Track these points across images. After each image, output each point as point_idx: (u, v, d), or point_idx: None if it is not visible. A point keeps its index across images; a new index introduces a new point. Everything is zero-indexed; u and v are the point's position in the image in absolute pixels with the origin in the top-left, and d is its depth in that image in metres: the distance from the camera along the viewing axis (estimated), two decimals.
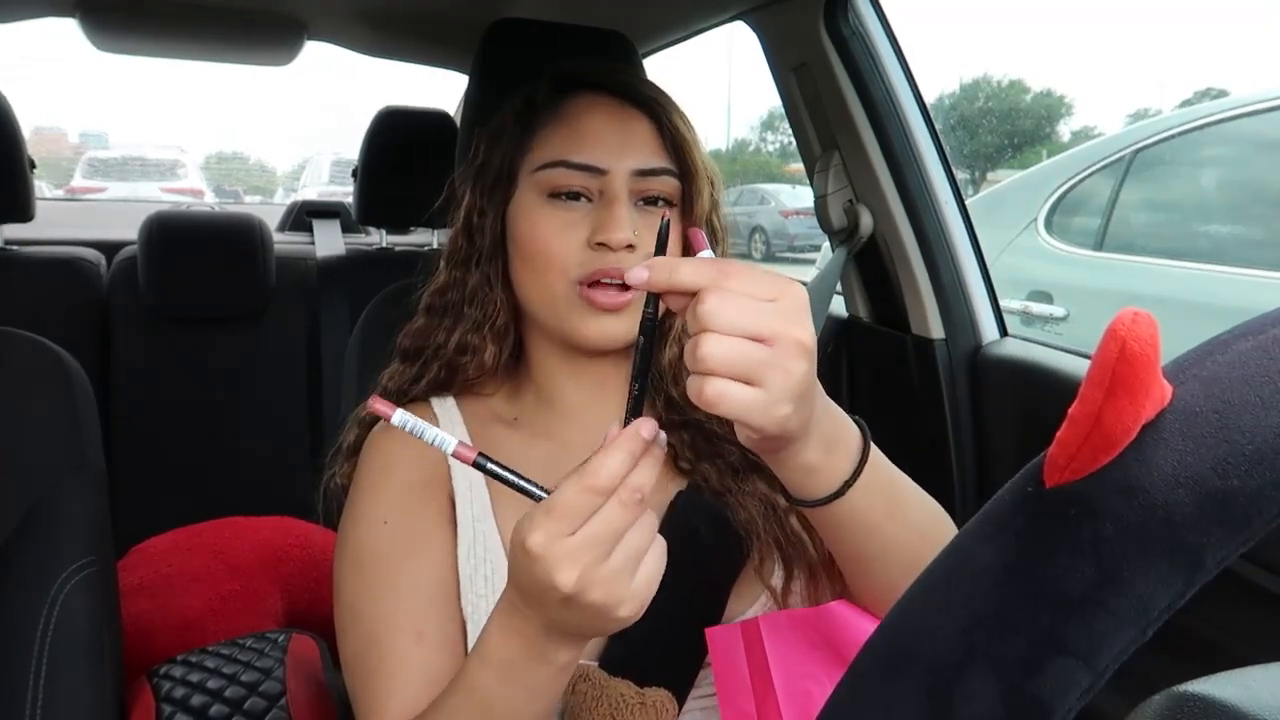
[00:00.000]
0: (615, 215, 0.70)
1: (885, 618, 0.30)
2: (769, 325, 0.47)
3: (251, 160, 49.16)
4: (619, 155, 0.72)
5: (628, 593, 0.48)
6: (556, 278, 0.71)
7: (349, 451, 0.79)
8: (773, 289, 0.48)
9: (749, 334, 0.47)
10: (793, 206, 12.23)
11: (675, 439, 0.76)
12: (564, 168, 0.72)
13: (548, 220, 0.72)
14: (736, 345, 0.46)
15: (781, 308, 0.48)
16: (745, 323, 0.47)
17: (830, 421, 0.55)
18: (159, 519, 1.30)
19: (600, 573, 0.48)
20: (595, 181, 0.72)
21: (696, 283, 0.47)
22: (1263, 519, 0.25)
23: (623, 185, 0.72)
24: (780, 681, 0.62)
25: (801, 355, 0.48)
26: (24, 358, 0.84)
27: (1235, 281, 2.20)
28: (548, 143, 0.74)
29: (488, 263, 0.77)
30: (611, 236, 0.69)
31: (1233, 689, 0.27)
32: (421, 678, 0.65)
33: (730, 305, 0.46)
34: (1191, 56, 59.44)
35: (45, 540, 0.78)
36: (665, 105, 0.75)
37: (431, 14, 1.72)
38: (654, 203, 0.74)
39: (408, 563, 0.69)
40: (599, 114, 0.74)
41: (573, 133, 0.73)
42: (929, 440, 1.33)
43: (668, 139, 0.74)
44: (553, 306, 0.72)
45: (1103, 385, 0.26)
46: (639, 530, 0.48)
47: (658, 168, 0.73)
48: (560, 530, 0.48)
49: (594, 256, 0.70)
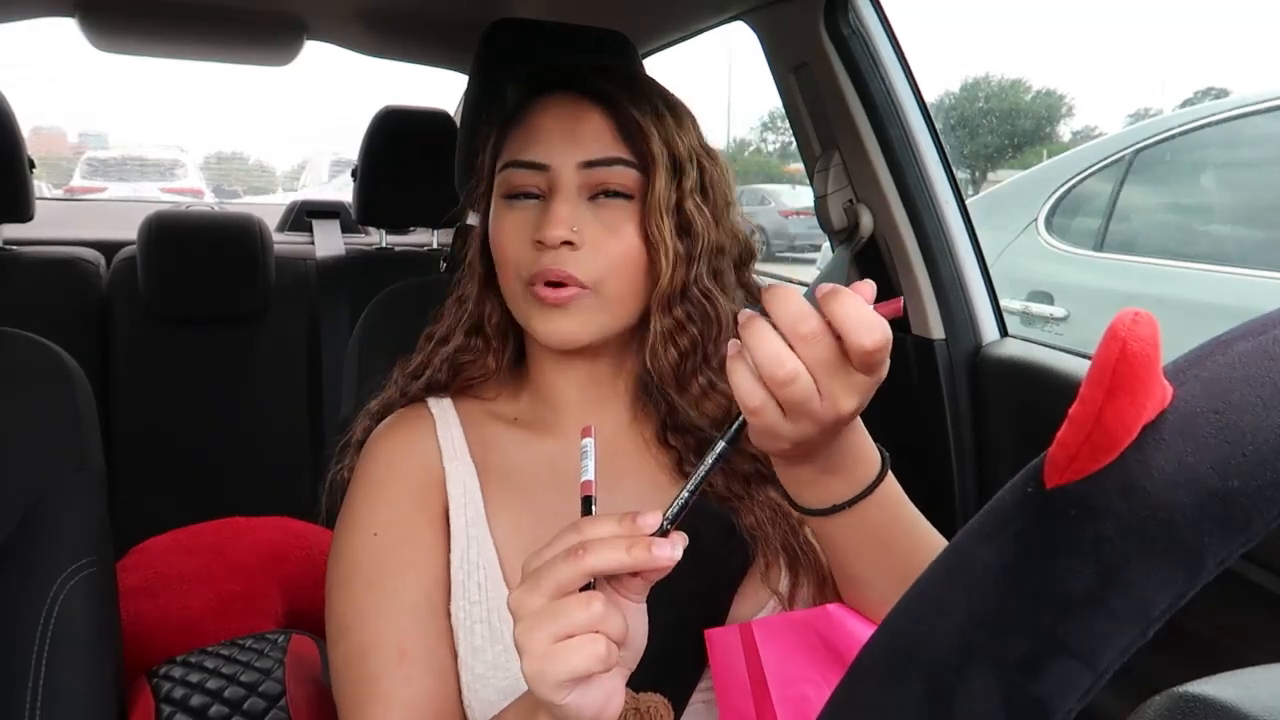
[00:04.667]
0: (550, 212, 0.69)
1: (885, 619, 0.30)
2: (835, 386, 0.49)
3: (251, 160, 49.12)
4: (564, 150, 0.71)
5: (540, 647, 0.47)
6: (512, 278, 0.72)
7: (358, 446, 0.79)
8: (875, 363, 0.48)
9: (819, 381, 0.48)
10: (793, 206, 12.22)
11: (681, 444, 0.76)
12: (514, 167, 0.72)
13: (504, 222, 0.73)
14: (808, 388, 0.48)
15: (858, 383, 0.49)
16: (820, 370, 0.48)
17: (843, 454, 0.55)
18: (159, 519, 1.30)
19: (528, 605, 0.48)
20: (542, 178, 0.71)
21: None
22: (1263, 519, 0.25)
23: (568, 180, 0.70)
24: (775, 687, 0.62)
25: (834, 421, 0.50)
26: (24, 358, 0.84)
27: (1236, 282, 2.20)
28: (508, 146, 0.74)
29: (480, 267, 0.78)
30: (545, 234, 0.68)
31: (1233, 689, 0.27)
32: (404, 700, 0.65)
33: (820, 350, 0.48)
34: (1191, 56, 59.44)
35: (45, 540, 0.78)
36: (623, 95, 0.73)
37: (431, 14, 1.72)
38: (614, 196, 0.71)
39: (395, 578, 0.69)
40: (551, 111, 0.73)
41: (525, 132, 0.73)
42: (929, 440, 1.33)
43: (623, 129, 0.72)
44: (516, 307, 0.73)
45: (1103, 386, 0.26)
46: (578, 604, 0.47)
47: (608, 158, 0.71)
48: (534, 555, 0.50)
49: (535, 255, 0.70)
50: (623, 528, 0.48)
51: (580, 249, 0.69)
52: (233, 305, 1.90)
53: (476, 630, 0.69)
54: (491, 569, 0.71)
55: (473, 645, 0.68)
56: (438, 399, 0.79)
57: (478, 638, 0.69)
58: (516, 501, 0.74)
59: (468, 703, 0.68)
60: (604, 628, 0.47)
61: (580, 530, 0.49)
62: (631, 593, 0.50)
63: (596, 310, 0.71)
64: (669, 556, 0.47)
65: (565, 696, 0.47)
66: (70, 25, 1.64)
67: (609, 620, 0.47)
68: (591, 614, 0.47)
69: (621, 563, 0.47)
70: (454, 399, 0.79)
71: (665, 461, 0.76)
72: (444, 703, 0.67)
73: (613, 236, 0.70)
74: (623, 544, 0.47)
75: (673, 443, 0.76)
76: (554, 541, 0.50)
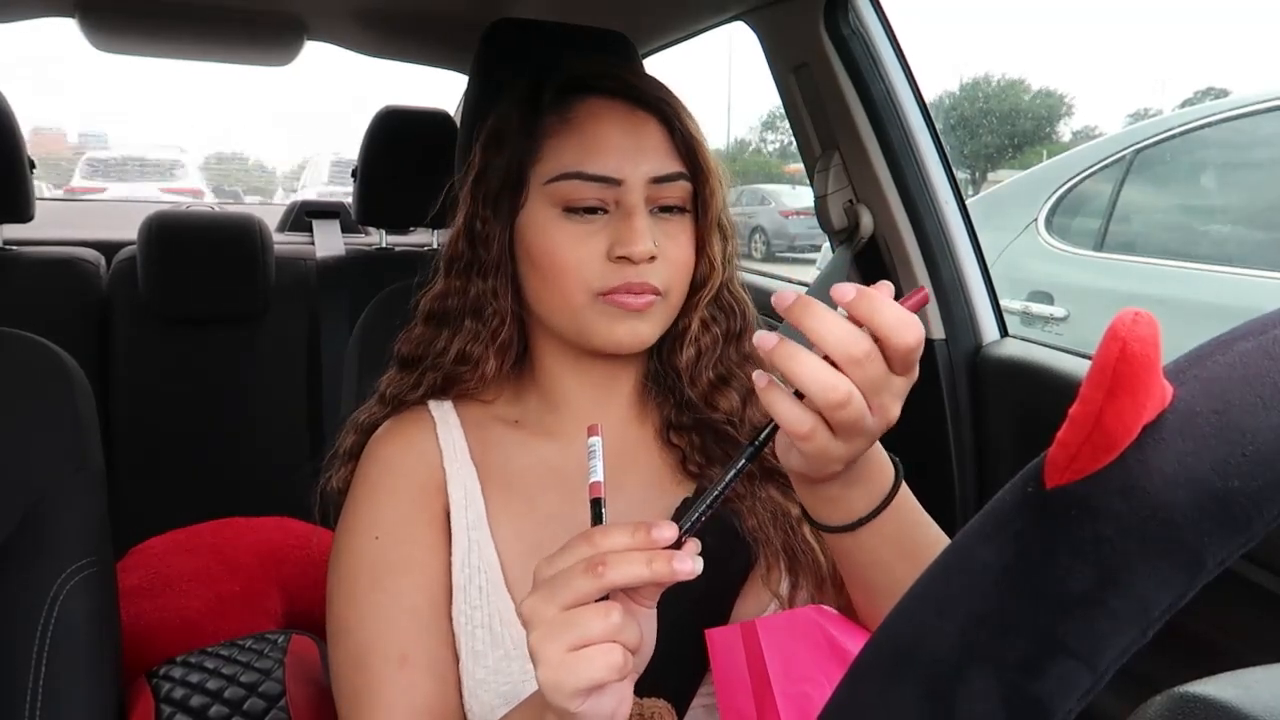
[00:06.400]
0: (635, 228, 0.69)
1: (885, 619, 0.30)
2: (886, 398, 0.49)
3: (251, 160, 49.15)
4: (634, 163, 0.70)
5: (556, 657, 0.47)
6: (576, 291, 0.70)
7: (346, 456, 0.78)
8: (913, 363, 0.49)
9: (869, 398, 0.48)
10: (793, 206, 12.23)
11: (685, 442, 0.76)
12: (578, 179, 0.70)
13: (565, 234, 0.70)
14: (863, 407, 0.47)
15: (902, 388, 0.49)
16: (873, 387, 0.48)
17: (866, 464, 0.55)
18: (159, 519, 1.30)
19: (543, 614, 0.48)
20: (611, 192, 0.70)
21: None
22: (1263, 519, 0.25)
23: (639, 194, 0.70)
24: (778, 685, 0.61)
25: (882, 431, 0.51)
26: (24, 358, 0.84)
27: (1236, 282, 2.20)
28: (559, 153, 0.71)
29: (494, 273, 0.75)
30: (633, 250, 0.68)
31: (1233, 690, 0.27)
32: (404, 704, 0.65)
33: (876, 368, 0.47)
34: (1192, 56, 59.43)
35: (45, 540, 0.78)
36: (675, 106, 0.74)
37: (431, 14, 1.72)
38: (669, 210, 0.72)
39: (396, 581, 0.69)
40: (610, 120, 0.72)
41: (584, 141, 0.71)
42: (929, 440, 1.33)
43: (679, 142, 0.73)
44: (572, 317, 0.71)
45: (1103, 386, 0.26)
46: (597, 614, 0.47)
47: (673, 173, 0.72)
48: (545, 564, 0.50)
49: (614, 269, 0.69)
50: (637, 540, 0.48)
51: (656, 263, 0.70)
52: (233, 305, 1.90)
53: (478, 635, 0.69)
54: (493, 573, 0.70)
55: (474, 650, 0.68)
56: (438, 402, 0.78)
57: (479, 642, 0.68)
58: (518, 505, 0.74)
59: (468, 707, 0.68)
60: (621, 638, 0.47)
61: (594, 542, 0.48)
62: (644, 599, 0.51)
63: (665, 314, 0.73)
64: (690, 570, 0.47)
65: (580, 705, 0.47)
66: (70, 25, 1.64)
67: (626, 630, 0.47)
68: (610, 624, 0.47)
69: (642, 578, 0.47)
70: (454, 402, 0.79)
71: (668, 460, 0.76)
72: (445, 707, 0.66)
73: (675, 246, 0.72)
74: (642, 558, 0.47)
75: (675, 441, 0.76)
76: (566, 550, 0.49)
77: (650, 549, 0.48)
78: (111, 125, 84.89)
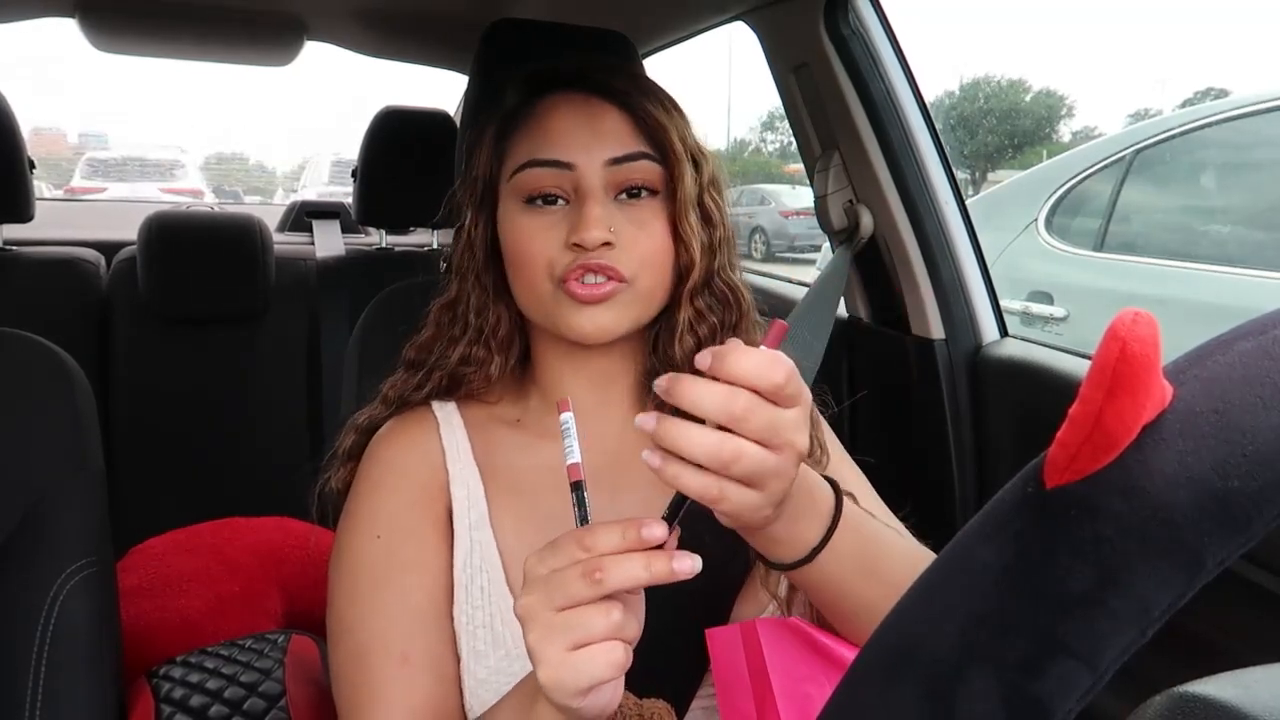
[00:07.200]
0: (587, 214, 0.68)
1: (885, 619, 0.30)
2: (785, 435, 0.48)
3: (251, 161, 49.15)
4: (587, 148, 0.70)
5: (556, 656, 0.47)
6: (540, 280, 0.70)
7: (345, 457, 0.78)
8: (795, 392, 0.48)
9: (767, 442, 0.48)
10: (793, 206, 12.23)
11: None
12: (534, 167, 0.70)
13: (527, 225, 0.71)
14: (758, 454, 0.47)
15: (796, 417, 0.49)
16: (766, 433, 0.47)
17: (802, 494, 0.55)
18: (159, 519, 1.30)
19: (541, 616, 0.48)
20: (567, 178, 0.70)
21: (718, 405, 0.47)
22: (1263, 519, 0.25)
23: (595, 179, 0.70)
24: (779, 685, 0.61)
25: (798, 463, 0.50)
26: (24, 358, 0.84)
27: (1236, 282, 2.20)
28: (519, 146, 0.73)
29: (484, 274, 0.76)
30: (584, 236, 0.67)
31: (1233, 689, 0.27)
32: (404, 703, 0.65)
33: (761, 416, 0.47)
34: (1191, 56, 59.42)
35: (45, 540, 0.78)
36: (636, 93, 0.73)
37: (431, 14, 1.72)
38: (637, 194, 0.72)
39: (398, 580, 0.69)
40: (566, 109, 0.72)
41: (541, 132, 0.72)
42: (929, 440, 1.33)
43: (641, 125, 0.72)
44: (543, 308, 0.72)
45: (1103, 386, 0.26)
46: (598, 613, 0.47)
47: (632, 153, 0.71)
48: (536, 561, 0.50)
49: (574, 256, 0.69)
50: (628, 540, 0.48)
51: (615, 248, 0.69)
52: (233, 305, 1.90)
53: (479, 635, 0.69)
54: (495, 573, 0.70)
55: (475, 650, 0.68)
56: (442, 402, 0.78)
57: (480, 642, 0.68)
58: (520, 505, 0.74)
59: (469, 706, 0.68)
60: (622, 635, 0.48)
61: (585, 545, 0.48)
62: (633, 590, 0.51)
63: (631, 303, 0.71)
64: (690, 569, 0.48)
65: (581, 702, 0.47)
66: (70, 25, 1.64)
67: (627, 628, 0.48)
68: (611, 623, 0.47)
69: (642, 581, 0.47)
70: (457, 402, 0.79)
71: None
72: (445, 706, 0.66)
73: (644, 234, 0.70)
74: (640, 561, 0.47)
75: None
76: (556, 549, 0.49)
77: (641, 549, 0.48)
78: (112, 125, 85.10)
